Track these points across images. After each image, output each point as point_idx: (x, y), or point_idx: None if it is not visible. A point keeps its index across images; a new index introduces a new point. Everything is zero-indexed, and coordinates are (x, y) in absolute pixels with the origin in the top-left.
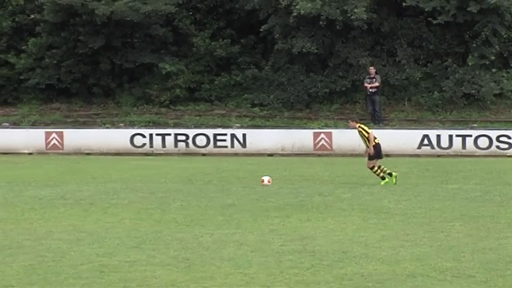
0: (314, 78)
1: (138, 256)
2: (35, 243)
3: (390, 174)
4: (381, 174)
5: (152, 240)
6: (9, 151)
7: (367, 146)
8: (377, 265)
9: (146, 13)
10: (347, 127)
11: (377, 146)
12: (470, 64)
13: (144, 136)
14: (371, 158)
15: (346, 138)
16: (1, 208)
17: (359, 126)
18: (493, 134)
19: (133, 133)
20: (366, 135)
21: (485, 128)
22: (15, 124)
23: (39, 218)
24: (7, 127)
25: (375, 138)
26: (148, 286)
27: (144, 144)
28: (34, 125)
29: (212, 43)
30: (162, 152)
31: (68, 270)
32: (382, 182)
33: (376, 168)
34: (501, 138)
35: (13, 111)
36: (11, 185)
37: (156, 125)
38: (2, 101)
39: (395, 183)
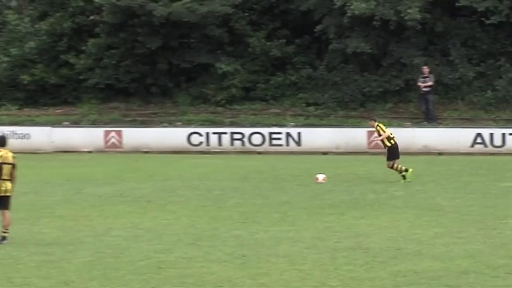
0: (368, 78)
1: (195, 253)
2: (95, 240)
3: (406, 170)
4: (402, 173)
5: (209, 237)
6: (69, 149)
7: (384, 145)
8: (430, 262)
9: (203, 14)
10: (403, 126)
11: (393, 146)
12: None
13: (200, 135)
14: (389, 159)
15: (400, 136)
16: (61, 205)
17: (377, 125)
18: None
19: (190, 131)
20: (382, 133)
21: None
22: (75, 123)
23: (98, 215)
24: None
25: (392, 138)
26: (205, 282)
27: (200, 143)
28: (93, 124)
29: (268, 43)
30: (219, 150)
31: (126, 266)
32: (402, 181)
33: (396, 165)
34: None
35: (73, 110)
36: (71, 182)
37: (212, 124)
38: (62, 101)
39: (410, 180)
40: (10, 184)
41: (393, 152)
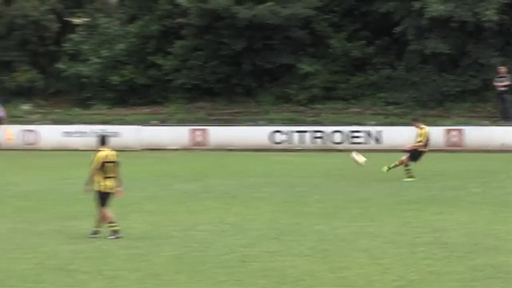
0: (446, 78)
1: (278, 247)
2: (182, 234)
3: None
4: (410, 174)
5: (291, 232)
6: (157, 147)
7: (416, 144)
8: (507, 257)
9: (286, 16)
10: (481, 125)
11: (419, 153)
12: None
13: (283, 133)
14: (411, 158)
15: (478, 134)
16: (150, 201)
17: (422, 128)
18: None
19: (273, 130)
20: (419, 140)
21: None
22: (163, 122)
23: (185, 211)
24: (156, 125)
25: (422, 144)
26: (287, 275)
27: (283, 141)
28: (180, 123)
29: (348, 44)
30: (300, 148)
31: (212, 260)
32: (408, 179)
33: (403, 166)
34: None
35: (161, 109)
36: (159, 179)
37: (294, 122)
38: (150, 101)
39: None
40: (113, 181)
41: (416, 156)
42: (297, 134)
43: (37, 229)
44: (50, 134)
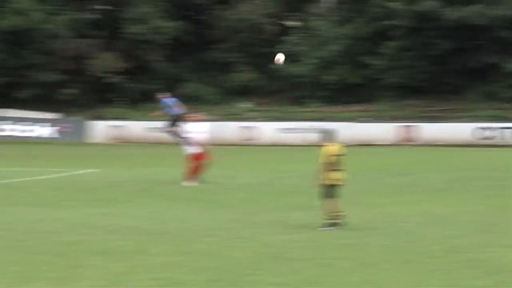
0: None
1: (486, 238)
2: (392, 225)
3: None
4: None
5: (499, 224)
6: (368, 143)
7: None
8: None
9: (492, 17)
10: None
11: None
12: None
13: (489, 129)
14: None
15: None
16: (362, 193)
17: None
18: None
19: (478, 126)
20: None
21: None
22: (374, 119)
23: (395, 203)
24: (368, 122)
25: None
26: (497, 265)
27: (489, 137)
28: (390, 119)
29: None
30: (507, 144)
31: (421, 250)
32: None
33: None
34: None
35: (372, 107)
36: (370, 173)
37: (500, 119)
38: (362, 99)
39: None
40: (341, 174)
41: None
42: (503, 130)
43: (254, 220)
44: (267, 130)
